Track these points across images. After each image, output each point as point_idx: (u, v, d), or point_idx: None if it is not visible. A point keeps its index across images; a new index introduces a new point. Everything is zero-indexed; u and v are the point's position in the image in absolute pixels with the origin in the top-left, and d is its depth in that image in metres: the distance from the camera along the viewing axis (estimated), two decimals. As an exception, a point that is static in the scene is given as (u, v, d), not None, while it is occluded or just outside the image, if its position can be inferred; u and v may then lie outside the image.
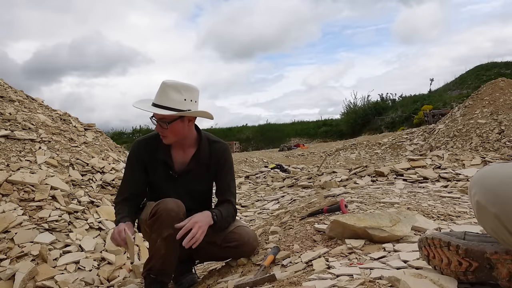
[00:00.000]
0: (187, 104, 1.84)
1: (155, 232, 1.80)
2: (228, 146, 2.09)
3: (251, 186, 6.82)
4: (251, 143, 34.13)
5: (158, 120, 1.84)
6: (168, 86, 1.83)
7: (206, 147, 1.98)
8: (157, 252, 1.81)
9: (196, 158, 1.95)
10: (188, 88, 1.86)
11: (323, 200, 2.96)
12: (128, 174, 2.00)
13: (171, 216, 1.75)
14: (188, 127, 1.90)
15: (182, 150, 1.97)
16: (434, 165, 4.81)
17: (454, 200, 2.75)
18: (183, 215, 1.81)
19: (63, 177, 3.67)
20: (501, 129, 11.59)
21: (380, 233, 1.63)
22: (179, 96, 1.83)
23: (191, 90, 1.87)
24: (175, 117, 1.82)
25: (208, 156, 1.97)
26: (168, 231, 1.76)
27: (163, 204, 1.79)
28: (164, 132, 1.86)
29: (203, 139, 1.98)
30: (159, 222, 1.78)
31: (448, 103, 25.32)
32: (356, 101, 32.78)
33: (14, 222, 2.88)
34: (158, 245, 1.79)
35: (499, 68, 28.55)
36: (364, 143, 16.14)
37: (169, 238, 1.77)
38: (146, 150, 1.97)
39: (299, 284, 1.33)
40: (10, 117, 4.29)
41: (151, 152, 1.96)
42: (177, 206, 1.78)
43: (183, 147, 1.97)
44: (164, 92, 1.83)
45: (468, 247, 1.02)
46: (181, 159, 1.97)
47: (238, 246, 1.90)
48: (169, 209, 1.76)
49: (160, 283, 1.84)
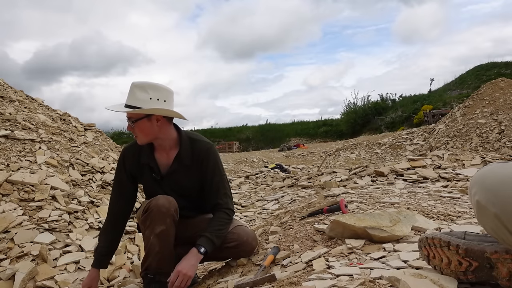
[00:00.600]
0: (153, 103, 1.81)
1: (148, 229, 1.82)
2: (212, 145, 2.01)
3: (251, 186, 6.82)
4: (251, 143, 34.13)
5: (129, 119, 1.85)
6: (135, 86, 1.83)
7: (187, 147, 1.94)
8: (151, 249, 1.82)
9: (178, 159, 1.93)
10: (156, 87, 1.84)
11: (323, 200, 2.96)
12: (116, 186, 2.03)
13: (162, 212, 1.77)
14: (158, 127, 1.85)
15: (165, 152, 1.96)
16: (434, 165, 4.81)
17: (454, 200, 2.75)
18: (175, 211, 1.82)
19: (63, 177, 3.67)
20: (501, 129, 11.59)
21: (380, 233, 1.63)
22: (144, 95, 1.81)
23: (159, 89, 1.85)
24: (140, 115, 1.82)
25: (191, 156, 1.94)
26: (160, 227, 1.77)
27: (154, 200, 1.82)
28: (133, 131, 1.87)
29: (183, 139, 1.94)
30: (151, 218, 1.80)
31: (448, 103, 25.32)
32: (356, 101, 32.80)
33: (14, 222, 2.88)
34: (152, 242, 1.80)
35: (499, 68, 28.55)
36: (364, 143, 16.14)
37: (162, 234, 1.79)
38: (130, 157, 1.98)
39: (299, 284, 1.33)
40: (10, 117, 4.29)
41: (136, 158, 1.97)
42: (168, 202, 1.80)
43: (165, 149, 1.95)
44: (131, 92, 1.83)
45: (468, 247, 1.02)
46: (165, 161, 1.96)
47: (237, 246, 1.90)
48: (160, 205, 1.77)
49: (158, 282, 1.85)
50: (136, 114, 1.82)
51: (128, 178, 2.00)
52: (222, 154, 18.84)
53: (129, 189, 2.03)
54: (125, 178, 2.00)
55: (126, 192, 2.03)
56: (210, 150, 1.96)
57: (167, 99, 1.86)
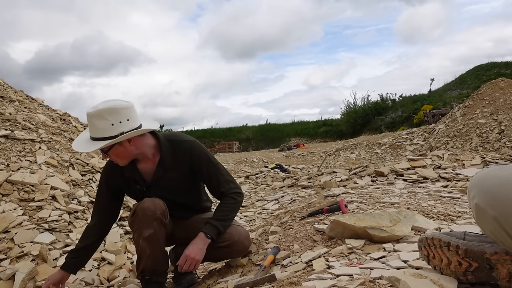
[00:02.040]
0: (116, 127, 1.73)
1: (136, 233, 1.82)
2: (193, 141, 1.96)
3: (251, 186, 6.82)
4: (251, 143, 34.13)
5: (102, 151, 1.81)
6: (92, 116, 1.74)
7: (168, 151, 1.91)
8: (142, 253, 1.82)
9: (161, 165, 1.91)
10: (112, 111, 1.73)
11: (323, 200, 2.96)
12: (98, 198, 2.02)
13: (147, 215, 1.76)
14: (134, 145, 1.82)
15: (149, 161, 1.92)
16: (434, 165, 4.81)
17: (454, 200, 2.75)
18: (161, 213, 1.81)
19: (63, 177, 3.68)
20: (501, 129, 11.59)
21: (380, 233, 1.63)
22: (104, 123, 1.73)
23: (116, 111, 1.74)
24: (109, 145, 1.76)
25: (173, 159, 1.91)
26: (148, 231, 1.77)
27: (140, 203, 1.82)
28: (112, 158, 1.84)
29: (163, 144, 1.91)
30: (137, 222, 1.80)
31: (448, 103, 25.32)
32: (356, 101, 32.81)
33: (14, 222, 2.88)
34: (142, 246, 1.80)
35: (499, 68, 28.55)
36: (364, 143, 16.14)
37: (150, 238, 1.79)
38: (113, 172, 1.96)
39: (299, 284, 1.33)
40: (10, 117, 4.29)
41: (120, 172, 1.94)
42: (154, 205, 1.78)
43: (148, 158, 1.91)
44: (91, 123, 1.76)
45: (468, 247, 1.02)
46: (150, 170, 1.93)
47: (229, 245, 1.90)
48: (145, 208, 1.77)
49: (156, 283, 1.85)
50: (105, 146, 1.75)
51: (109, 192, 1.98)
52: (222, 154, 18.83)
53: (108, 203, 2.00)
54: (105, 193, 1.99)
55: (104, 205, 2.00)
56: (193, 147, 1.92)
57: (129, 116, 1.77)
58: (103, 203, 2.00)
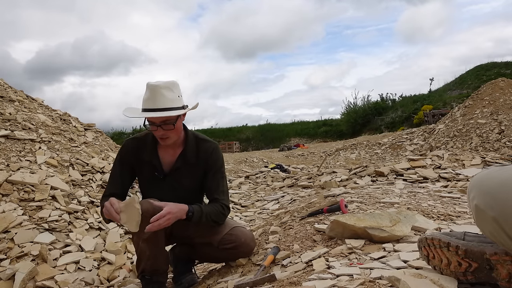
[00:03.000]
0: (181, 100, 1.85)
1: (135, 235, 1.80)
2: (217, 145, 2.04)
3: (251, 186, 6.82)
4: (251, 143, 34.12)
5: (162, 123, 1.80)
6: (161, 88, 1.80)
7: (193, 146, 1.95)
8: (142, 254, 1.81)
9: (183, 157, 1.93)
10: (176, 85, 1.86)
11: (323, 200, 2.96)
12: (114, 172, 1.98)
13: (146, 218, 1.73)
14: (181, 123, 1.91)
15: (171, 150, 1.95)
16: (434, 165, 4.81)
17: (454, 200, 2.75)
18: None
19: (63, 177, 3.67)
20: (501, 129, 11.59)
21: (380, 233, 1.63)
22: (173, 94, 1.81)
23: (178, 86, 1.87)
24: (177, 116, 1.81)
25: (196, 155, 1.94)
26: (147, 233, 1.75)
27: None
28: (167, 133, 1.83)
29: (190, 138, 1.95)
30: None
31: (448, 103, 25.32)
32: (356, 101, 32.81)
33: (14, 222, 2.88)
34: (141, 248, 1.79)
35: (499, 68, 28.55)
36: (364, 143, 16.14)
37: (150, 239, 1.77)
38: (134, 150, 1.96)
39: (299, 284, 1.33)
40: (10, 117, 4.29)
41: (139, 153, 1.94)
42: (153, 208, 1.75)
43: (171, 147, 1.94)
44: (159, 94, 1.79)
45: (468, 248, 1.02)
46: (169, 159, 1.95)
47: (234, 247, 1.90)
48: (143, 209, 1.74)
49: (156, 283, 1.85)
50: (176, 116, 1.81)
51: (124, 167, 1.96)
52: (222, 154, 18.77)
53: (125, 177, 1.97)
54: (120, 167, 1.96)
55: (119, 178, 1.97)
56: (216, 150, 1.99)
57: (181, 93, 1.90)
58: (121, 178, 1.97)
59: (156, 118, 1.79)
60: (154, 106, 1.79)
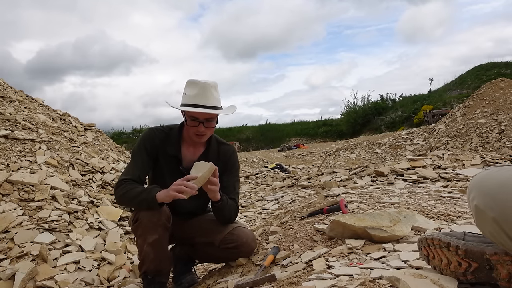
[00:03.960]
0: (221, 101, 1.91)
1: (140, 238, 1.79)
2: (235, 149, 2.11)
3: (251, 186, 6.82)
4: (251, 143, 34.14)
5: (205, 120, 1.83)
6: (211, 86, 1.84)
7: (215, 147, 1.99)
8: (146, 256, 1.80)
9: (205, 157, 1.94)
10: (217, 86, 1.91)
11: (323, 200, 2.96)
12: (138, 157, 1.91)
13: (152, 222, 1.72)
14: None
15: (192, 147, 1.97)
16: (434, 165, 4.81)
17: (454, 200, 2.75)
18: (166, 219, 1.78)
19: (63, 177, 3.67)
20: (501, 129, 11.60)
21: (380, 233, 1.63)
22: (218, 95, 1.87)
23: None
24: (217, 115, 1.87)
25: (216, 157, 1.96)
26: (153, 237, 1.74)
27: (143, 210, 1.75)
28: (206, 131, 1.86)
29: (212, 139, 1.99)
30: (142, 228, 1.76)
31: (448, 103, 25.34)
32: (356, 101, 32.82)
33: (14, 222, 2.88)
34: (146, 251, 1.78)
35: (499, 68, 28.57)
36: (364, 143, 16.15)
37: (155, 243, 1.76)
38: (160, 141, 1.93)
39: (299, 284, 1.33)
40: (10, 117, 4.29)
41: (164, 145, 1.93)
42: (158, 212, 1.73)
43: (194, 145, 1.96)
44: (209, 92, 1.83)
45: (468, 248, 1.02)
46: (190, 156, 1.96)
47: (236, 247, 1.90)
48: (150, 214, 1.72)
49: (158, 283, 1.85)
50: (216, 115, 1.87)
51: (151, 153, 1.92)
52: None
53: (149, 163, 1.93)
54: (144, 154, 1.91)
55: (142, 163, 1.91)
56: (234, 154, 2.06)
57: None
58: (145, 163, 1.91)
59: (203, 114, 1.81)
60: (204, 103, 1.81)
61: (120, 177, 1.88)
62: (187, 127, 1.89)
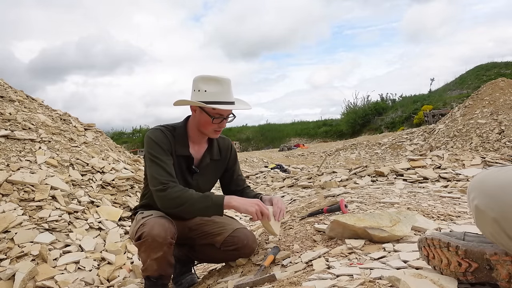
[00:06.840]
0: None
1: (143, 253, 1.75)
2: (230, 140, 2.15)
3: (251, 186, 6.82)
4: (251, 143, 34.14)
5: (226, 117, 1.84)
6: (230, 82, 1.84)
7: (215, 143, 2.00)
8: (149, 267, 1.77)
9: (210, 154, 1.96)
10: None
11: (323, 200, 2.96)
12: (164, 157, 1.79)
13: (157, 242, 1.69)
14: None
15: (197, 146, 1.96)
16: (434, 165, 4.81)
17: (454, 200, 2.75)
18: (172, 237, 1.73)
19: (63, 177, 3.67)
20: (501, 129, 11.60)
21: (380, 233, 1.63)
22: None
23: None
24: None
25: (218, 153, 2.00)
26: (157, 254, 1.71)
27: (148, 228, 1.69)
28: (223, 126, 1.88)
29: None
30: (145, 246, 1.71)
31: (448, 103, 25.34)
32: (357, 101, 32.83)
33: (14, 222, 2.88)
34: (149, 264, 1.76)
35: (499, 68, 28.57)
36: (364, 143, 16.14)
37: (160, 259, 1.73)
38: (171, 140, 1.88)
39: (299, 284, 1.33)
40: (10, 117, 4.29)
41: (174, 144, 1.89)
42: (164, 230, 1.69)
43: (198, 143, 1.95)
44: (230, 88, 1.84)
45: (468, 248, 1.02)
46: (196, 155, 1.95)
47: (237, 249, 1.90)
48: (155, 235, 1.67)
49: (161, 285, 1.85)
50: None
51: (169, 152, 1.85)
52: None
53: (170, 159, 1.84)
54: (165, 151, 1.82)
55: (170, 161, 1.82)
56: (233, 146, 2.12)
57: None
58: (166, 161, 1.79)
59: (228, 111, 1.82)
60: (229, 99, 1.82)
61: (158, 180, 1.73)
62: (203, 125, 1.83)
